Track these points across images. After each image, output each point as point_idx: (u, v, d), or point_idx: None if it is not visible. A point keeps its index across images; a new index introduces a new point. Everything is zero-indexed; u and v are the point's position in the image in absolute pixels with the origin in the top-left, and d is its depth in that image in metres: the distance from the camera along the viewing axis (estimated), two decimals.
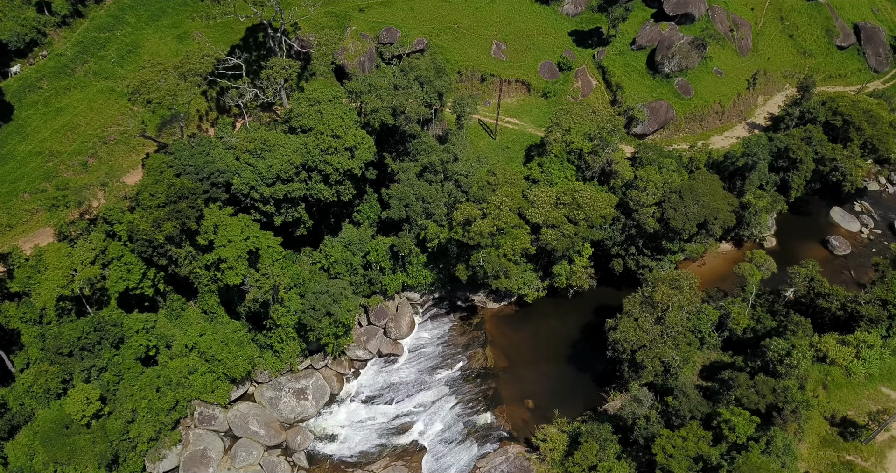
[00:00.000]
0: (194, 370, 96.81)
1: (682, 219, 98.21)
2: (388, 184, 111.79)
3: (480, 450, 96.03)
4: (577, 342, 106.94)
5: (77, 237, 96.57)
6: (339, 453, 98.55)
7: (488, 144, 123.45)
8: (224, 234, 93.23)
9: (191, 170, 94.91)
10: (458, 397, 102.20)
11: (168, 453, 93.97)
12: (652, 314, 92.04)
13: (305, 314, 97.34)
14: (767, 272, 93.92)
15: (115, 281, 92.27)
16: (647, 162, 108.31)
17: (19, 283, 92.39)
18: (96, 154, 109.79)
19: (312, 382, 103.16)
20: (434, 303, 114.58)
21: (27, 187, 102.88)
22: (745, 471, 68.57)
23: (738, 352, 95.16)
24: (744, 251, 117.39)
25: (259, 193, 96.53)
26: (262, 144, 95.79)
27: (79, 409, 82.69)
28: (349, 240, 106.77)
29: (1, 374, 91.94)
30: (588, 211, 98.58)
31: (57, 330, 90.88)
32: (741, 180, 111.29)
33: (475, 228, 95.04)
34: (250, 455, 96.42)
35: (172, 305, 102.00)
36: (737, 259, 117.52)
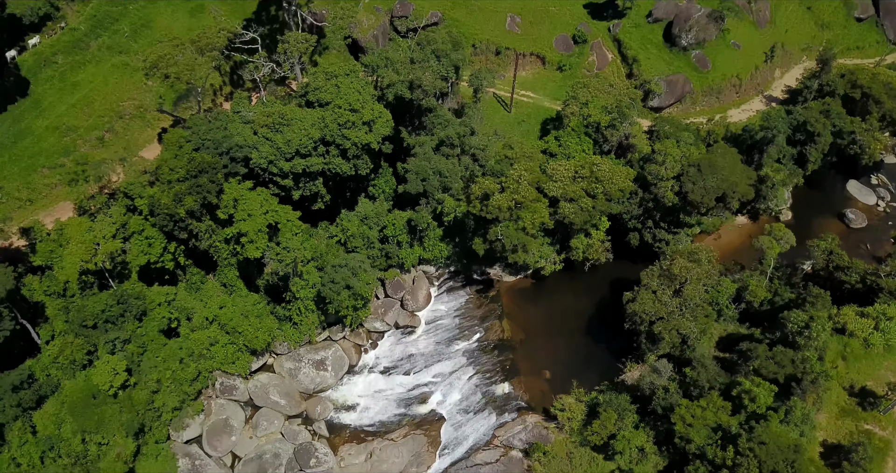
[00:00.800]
0: (215, 342, 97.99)
1: (700, 193, 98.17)
2: (403, 158, 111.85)
3: (499, 420, 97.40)
4: (594, 314, 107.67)
5: (97, 212, 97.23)
6: (359, 422, 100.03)
7: (504, 118, 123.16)
8: (244, 208, 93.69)
9: (209, 144, 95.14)
10: (475, 368, 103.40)
11: (191, 422, 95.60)
12: (670, 286, 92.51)
13: (325, 287, 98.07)
14: (786, 246, 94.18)
15: (136, 255, 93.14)
16: (664, 136, 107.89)
17: (42, 257, 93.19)
18: (112, 129, 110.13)
19: (331, 353, 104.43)
20: (450, 276, 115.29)
21: (46, 161, 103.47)
22: (764, 440, 69.53)
23: (755, 324, 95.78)
24: (760, 225, 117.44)
25: (278, 167, 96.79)
26: (279, 118, 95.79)
27: (106, 380, 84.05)
28: (365, 214, 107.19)
29: (27, 346, 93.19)
30: (606, 185, 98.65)
31: (80, 303, 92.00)
32: (759, 154, 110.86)
33: (493, 202, 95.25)
34: (272, 424, 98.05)
35: (192, 278, 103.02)
36: (752, 233, 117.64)
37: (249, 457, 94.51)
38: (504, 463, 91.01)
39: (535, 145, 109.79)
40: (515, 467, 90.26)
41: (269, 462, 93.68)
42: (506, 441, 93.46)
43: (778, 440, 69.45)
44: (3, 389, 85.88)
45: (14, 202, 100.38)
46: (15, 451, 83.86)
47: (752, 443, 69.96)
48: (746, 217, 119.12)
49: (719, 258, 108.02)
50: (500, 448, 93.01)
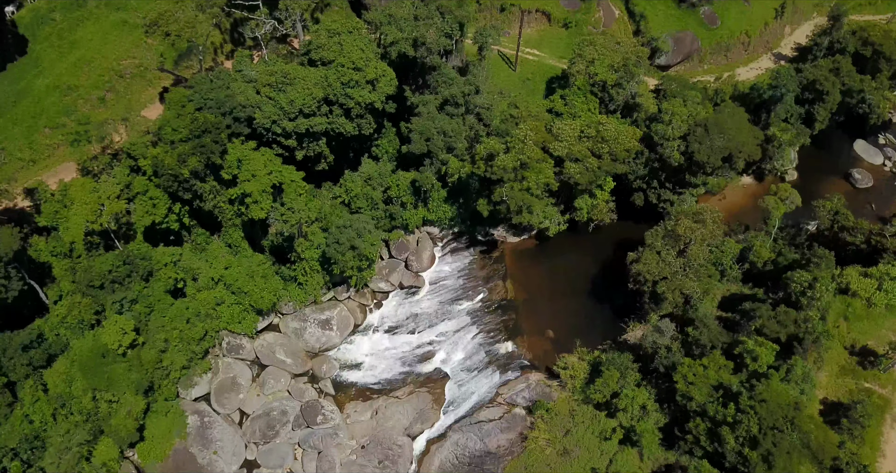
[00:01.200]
0: (221, 302, 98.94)
1: (707, 153, 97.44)
2: (407, 118, 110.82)
3: (502, 378, 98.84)
4: (597, 275, 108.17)
5: (101, 173, 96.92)
6: (364, 380, 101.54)
7: (508, 77, 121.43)
8: (248, 168, 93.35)
9: (212, 104, 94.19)
10: (479, 327, 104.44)
11: (199, 380, 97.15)
12: (674, 247, 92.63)
13: (330, 248, 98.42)
14: (792, 206, 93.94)
15: (141, 216, 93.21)
16: (671, 95, 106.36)
17: (47, 217, 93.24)
18: (113, 88, 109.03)
19: (336, 313, 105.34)
20: (454, 237, 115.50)
21: (47, 121, 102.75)
22: (765, 398, 70.56)
23: (757, 285, 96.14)
24: (765, 185, 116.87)
25: (281, 127, 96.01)
26: (282, 77, 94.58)
27: (115, 339, 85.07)
28: (369, 175, 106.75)
29: (36, 306, 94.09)
30: (612, 145, 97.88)
31: (87, 263, 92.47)
32: (766, 113, 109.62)
33: (499, 162, 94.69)
34: (278, 382, 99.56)
35: (197, 239, 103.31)
36: (758, 193, 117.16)
37: (257, 414, 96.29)
38: (507, 421, 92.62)
39: (540, 105, 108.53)
40: (519, 424, 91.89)
41: (276, 418, 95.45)
42: (509, 398, 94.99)
43: (778, 397, 70.50)
44: (13, 348, 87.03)
45: (17, 163, 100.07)
46: (28, 408, 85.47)
47: (752, 401, 71.05)
48: (752, 178, 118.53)
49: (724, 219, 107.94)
50: (504, 406, 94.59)
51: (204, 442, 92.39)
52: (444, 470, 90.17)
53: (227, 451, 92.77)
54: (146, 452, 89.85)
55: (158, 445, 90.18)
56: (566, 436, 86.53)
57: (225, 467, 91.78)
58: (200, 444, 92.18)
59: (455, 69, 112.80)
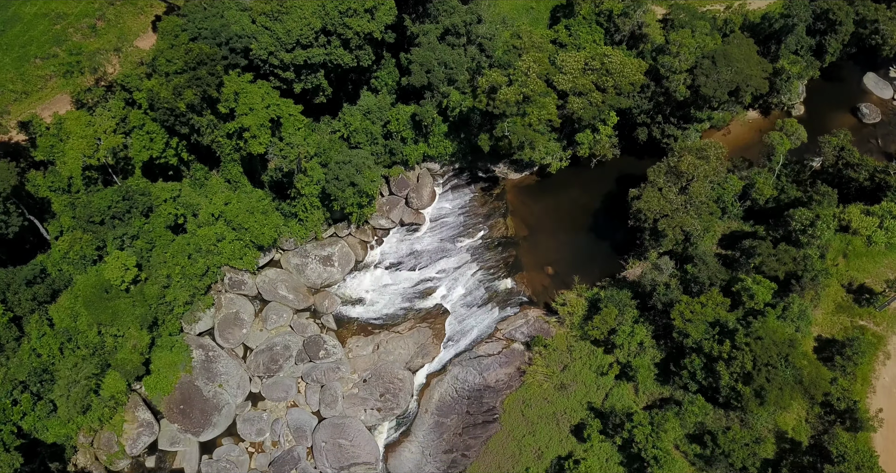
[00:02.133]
0: (222, 238, 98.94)
1: (713, 86, 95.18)
2: (407, 49, 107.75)
3: (501, 314, 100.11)
4: (598, 211, 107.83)
5: (95, 105, 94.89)
6: (366, 315, 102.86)
7: (512, 5, 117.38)
8: (245, 102, 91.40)
9: (207, 34, 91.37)
10: (479, 264, 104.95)
11: (203, 315, 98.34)
12: (676, 183, 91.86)
13: (329, 184, 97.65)
14: (797, 142, 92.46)
15: (138, 150, 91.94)
16: (679, 25, 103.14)
17: (43, 152, 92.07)
18: (104, 16, 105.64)
19: (338, 249, 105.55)
20: (454, 174, 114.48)
21: (38, 51, 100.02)
22: (760, 335, 71.53)
23: (759, 222, 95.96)
24: (771, 120, 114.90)
25: (278, 58, 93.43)
26: (278, 5, 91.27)
27: (118, 275, 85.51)
28: (368, 108, 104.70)
29: (38, 241, 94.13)
30: (617, 78, 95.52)
31: (86, 199, 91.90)
32: (776, 44, 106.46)
33: (501, 96, 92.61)
34: (280, 317, 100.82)
35: (196, 174, 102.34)
36: (763, 128, 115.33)
37: (260, 349, 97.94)
38: (506, 355, 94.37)
39: (543, 35, 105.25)
40: (517, 358, 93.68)
41: (279, 353, 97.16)
42: (508, 334, 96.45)
43: (774, 335, 71.48)
44: (17, 283, 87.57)
45: (9, 95, 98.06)
46: (35, 343, 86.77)
47: (748, 338, 72.10)
48: (758, 112, 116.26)
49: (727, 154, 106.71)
50: (503, 341, 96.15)
51: (209, 375, 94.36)
52: (443, 403, 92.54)
53: (232, 384, 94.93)
54: (153, 385, 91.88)
55: (164, 378, 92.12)
56: (563, 371, 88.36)
57: (230, 399, 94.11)
58: (206, 377, 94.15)
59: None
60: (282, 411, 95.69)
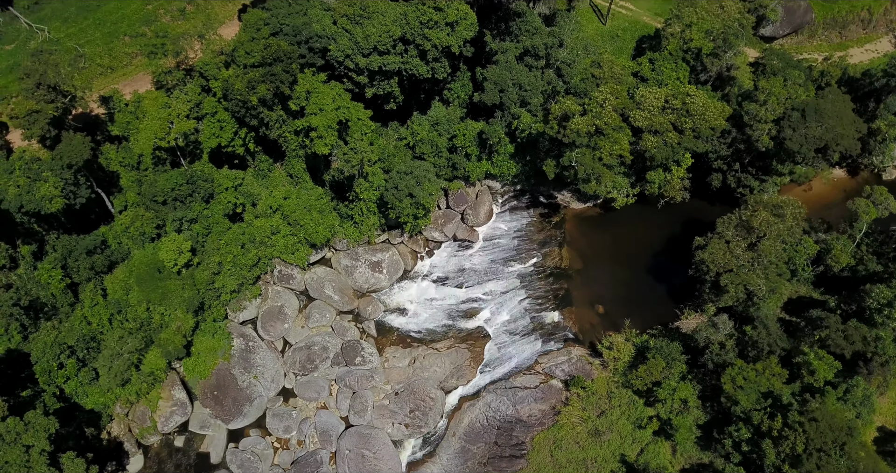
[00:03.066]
0: (277, 232, 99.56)
1: (800, 141, 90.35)
2: (483, 63, 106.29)
3: (544, 347, 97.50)
4: (659, 253, 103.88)
5: (174, 87, 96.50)
6: (407, 327, 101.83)
7: (597, 30, 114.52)
8: (316, 101, 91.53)
9: (288, 30, 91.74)
10: (528, 292, 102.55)
11: (248, 305, 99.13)
12: (746, 238, 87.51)
13: (388, 193, 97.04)
14: (885, 212, 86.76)
15: (208, 137, 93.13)
16: (770, 71, 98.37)
17: (119, 127, 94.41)
18: (194, 1, 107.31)
19: (388, 256, 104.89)
20: (515, 195, 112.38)
21: (127, 29, 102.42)
22: (816, 416, 67.01)
23: (830, 290, 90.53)
24: (859, 181, 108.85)
25: (354, 62, 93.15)
26: (360, 9, 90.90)
27: (172, 258, 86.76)
28: (437, 119, 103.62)
29: (102, 213, 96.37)
30: (697, 120, 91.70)
31: (153, 177, 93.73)
32: (875, 103, 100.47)
33: (573, 125, 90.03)
34: (323, 317, 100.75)
35: (260, 164, 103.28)
36: (848, 188, 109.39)
37: (299, 346, 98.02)
38: (543, 391, 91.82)
39: (626, 66, 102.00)
40: (554, 396, 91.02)
41: (317, 353, 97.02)
42: (548, 369, 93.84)
43: (831, 418, 66.88)
44: (78, 251, 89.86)
45: (96, 68, 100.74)
46: (87, 311, 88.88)
47: (802, 417, 67.62)
48: (844, 171, 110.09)
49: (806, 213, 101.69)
50: (541, 375, 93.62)
51: (246, 365, 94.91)
52: (472, 429, 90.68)
53: (266, 377, 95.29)
54: (191, 367, 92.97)
55: (203, 362, 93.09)
56: (600, 417, 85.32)
57: (263, 391, 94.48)
58: (242, 367, 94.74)
59: (541, 17, 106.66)
60: (311, 411, 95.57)
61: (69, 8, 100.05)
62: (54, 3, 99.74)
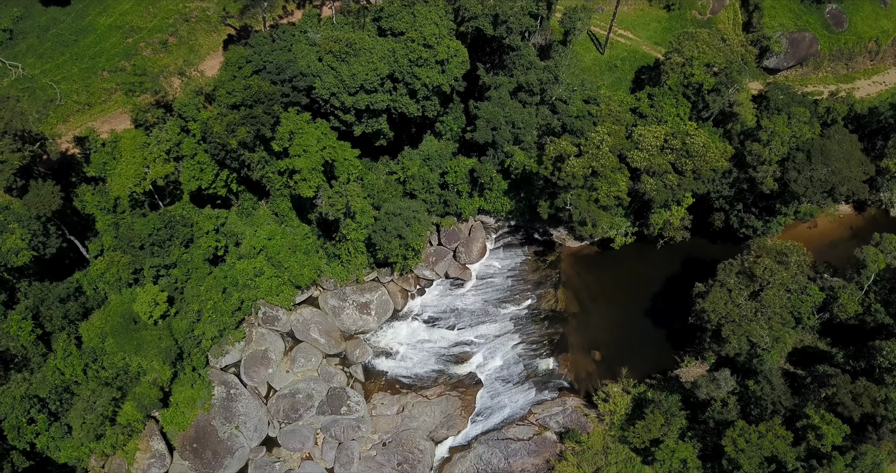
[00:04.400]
0: (261, 273, 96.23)
1: (805, 184, 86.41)
2: (477, 96, 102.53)
3: (538, 396, 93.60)
4: (658, 295, 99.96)
5: (153, 125, 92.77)
6: (396, 371, 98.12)
7: (595, 60, 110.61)
8: (300, 143, 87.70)
9: (271, 68, 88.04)
10: (522, 336, 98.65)
11: (231, 349, 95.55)
12: (748, 286, 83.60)
13: (376, 234, 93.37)
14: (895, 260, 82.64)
15: (187, 180, 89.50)
16: (774, 108, 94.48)
17: (95, 168, 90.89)
18: (177, 33, 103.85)
19: (377, 297, 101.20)
20: (509, 231, 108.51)
21: (106, 64, 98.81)
22: None
23: (837, 340, 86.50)
24: (866, 217, 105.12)
25: (340, 101, 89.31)
26: (346, 46, 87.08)
27: (147, 310, 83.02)
28: (429, 154, 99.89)
29: (77, 257, 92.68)
30: (697, 161, 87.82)
31: (130, 220, 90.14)
32: (883, 140, 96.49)
33: (568, 167, 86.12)
34: (309, 361, 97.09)
35: (244, 203, 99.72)
36: (855, 225, 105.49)
37: (283, 393, 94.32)
38: (536, 443, 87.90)
39: (623, 101, 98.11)
40: (547, 449, 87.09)
41: (301, 401, 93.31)
42: (541, 420, 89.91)
43: None
44: (51, 300, 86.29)
45: (72, 105, 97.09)
46: (59, 362, 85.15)
47: None
48: (851, 207, 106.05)
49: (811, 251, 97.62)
50: (535, 426, 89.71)
51: (227, 415, 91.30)
52: None
53: (249, 426, 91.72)
54: (169, 419, 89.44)
55: (181, 414, 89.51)
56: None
57: (245, 442, 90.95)
58: (223, 417, 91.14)
59: (536, 47, 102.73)
60: (296, 462, 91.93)
61: (45, 43, 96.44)
62: (30, 38, 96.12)
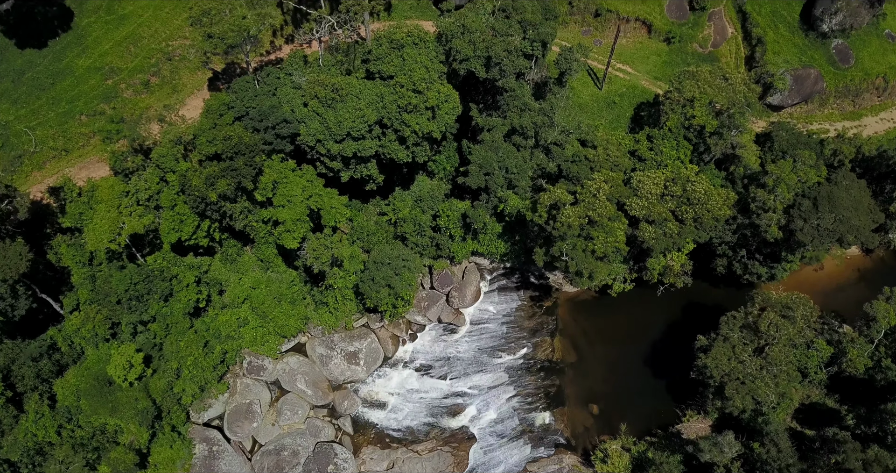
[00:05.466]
0: (245, 323, 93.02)
1: (811, 233, 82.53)
2: (470, 134, 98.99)
3: (533, 453, 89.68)
4: (659, 343, 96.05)
5: (133, 173, 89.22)
6: (386, 423, 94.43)
7: (593, 96, 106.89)
8: (283, 193, 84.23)
9: (253, 114, 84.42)
10: (517, 388, 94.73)
11: (214, 402, 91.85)
12: (753, 341, 79.63)
13: (364, 284, 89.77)
14: None
15: (167, 232, 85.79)
16: (779, 149, 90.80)
17: (71, 219, 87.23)
18: (159, 72, 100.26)
19: (366, 345, 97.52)
20: (504, 273, 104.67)
21: (85, 107, 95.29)
22: None
23: (845, 395, 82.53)
24: (874, 259, 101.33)
25: (326, 148, 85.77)
26: (332, 91, 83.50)
27: (121, 374, 79.20)
28: (420, 196, 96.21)
29: (51, 312, 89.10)
30: (699, 209, 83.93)
31: (107, 273, 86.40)
32: (892, 184, 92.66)
33: (563, 217, 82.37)
34: (295, 413, 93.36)
35: (228, 250, 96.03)
36: (863, 267, 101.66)
37: (268, 449, 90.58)
38: None
39: (622, 144, 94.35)
40: None
41: (286, 459, 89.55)
42: None
43: None
44: (22, 359, 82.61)
45: (48, 151, 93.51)
46: (30, 425, 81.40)
47: None
48: (858, 248, 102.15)
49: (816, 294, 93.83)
50: None
51: None
52: None
53: None
54: None
55: None
56: None
57: None
58: None
59: (531, 84, 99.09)
60: None
61: (20, 88, 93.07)
62: (4, 82, 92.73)
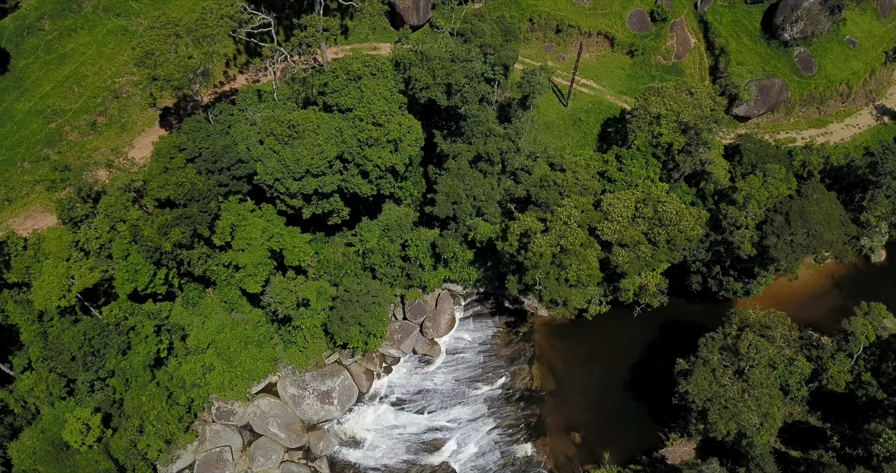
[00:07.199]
0: (211, 370, 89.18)
1: (785, 250, 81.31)
2: (436, 160, 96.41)
3: None
4: (638, 365, 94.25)
5: (81, 222, 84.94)
6: (364, 462, 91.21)
7: (559, 114, 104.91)
8: (243, 236, 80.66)
9: (207, 155, 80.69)
10: (496, 420, 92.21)
11: (182, 452, 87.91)
12: (733, 363, 78.17)
13: (332, 323, 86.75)
14: (884, 332, 77.80)
15: (121, 283, 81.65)
16: (748, 163, 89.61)
17: (17, 274, 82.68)
18: (106, 111, 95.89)
19: (339, 382, 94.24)
20: (478, 299, 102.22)
21: (26, 153, 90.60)
22: None
23: (828, 412, 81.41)
24: (847, 266, 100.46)
25: (285, 186, 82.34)
26: (288, 128, 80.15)
27: (78, 438, 74.90)
28: (388, 224, 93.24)
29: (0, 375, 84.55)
30: (671, 231, 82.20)
31: (59, 328, 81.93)
32: (862, 192, 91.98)
33: (534, 247, 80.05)
34: (269, 459, 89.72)
35: (189, 294, 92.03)
36: (836, 274, 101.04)
37: None
38: None
39: (591, 165, 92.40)
40: None
41: None
42: None
43: None
44: None
45: None
46: None
47: None
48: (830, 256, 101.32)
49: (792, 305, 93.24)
50: None
51: None
52: None
53: None
54: None
55: None
56: None
57: None
58: None
59: (495, 106, 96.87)
60: None
61: None
62: None
